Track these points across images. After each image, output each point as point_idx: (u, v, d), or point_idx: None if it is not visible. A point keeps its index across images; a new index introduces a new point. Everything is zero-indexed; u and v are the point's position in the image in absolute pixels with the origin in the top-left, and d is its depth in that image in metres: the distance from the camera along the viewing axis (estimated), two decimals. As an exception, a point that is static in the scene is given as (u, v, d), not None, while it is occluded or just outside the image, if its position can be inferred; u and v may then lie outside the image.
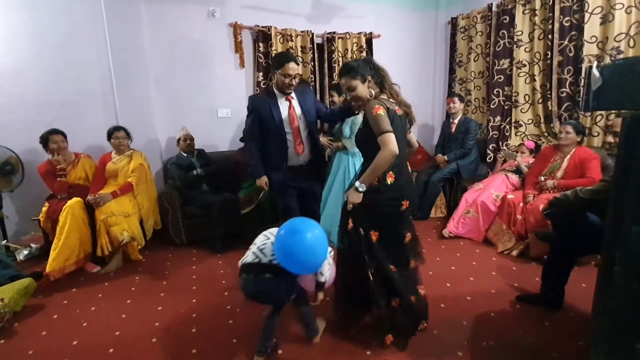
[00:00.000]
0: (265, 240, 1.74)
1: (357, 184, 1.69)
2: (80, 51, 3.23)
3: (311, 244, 1.55)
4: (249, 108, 2.35)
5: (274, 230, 1.73)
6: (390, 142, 1.60)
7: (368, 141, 1.71)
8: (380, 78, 1.77)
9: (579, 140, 2.82)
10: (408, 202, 1.78)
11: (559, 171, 2.84)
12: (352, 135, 2.77)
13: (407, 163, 1.92)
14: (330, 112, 2.61)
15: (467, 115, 4.04)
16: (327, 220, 2.90)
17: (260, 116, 2.28)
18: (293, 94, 2.32)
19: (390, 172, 1.72)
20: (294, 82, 2.26)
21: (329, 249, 1.74)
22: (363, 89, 1.75)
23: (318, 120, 2.56)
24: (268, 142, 2.32)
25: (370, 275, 1.75)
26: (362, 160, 1.91)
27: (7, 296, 2.11)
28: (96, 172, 3.08)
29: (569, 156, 2.83)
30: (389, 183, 1.72)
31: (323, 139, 3.04)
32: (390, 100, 1.75)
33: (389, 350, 1.80)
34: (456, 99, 3.79)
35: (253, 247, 1.74)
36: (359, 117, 2.89)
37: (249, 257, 1.71)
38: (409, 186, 1.84)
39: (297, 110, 2.34)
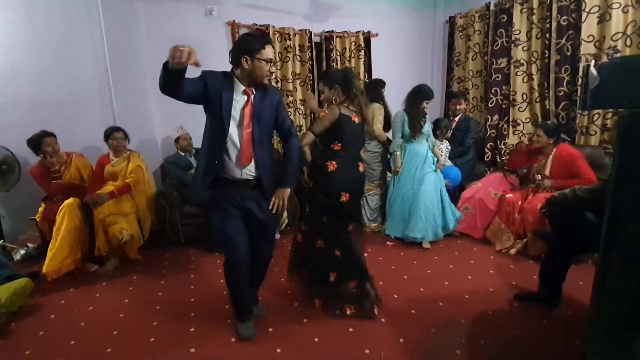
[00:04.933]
0: None
1: None
2: (77, 50, 3.21)
3: None
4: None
5: None
6: (305, 138, 2.10)
7: (325, 134, 2.09)
8: (347, 89, 2.08)
9: (551, 142, 2.85)
10: (349, 195, 2.06)
11: (545, 172, 2.88)
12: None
13: (360, 164, 2.15)
14: (287, 130, 1.89)
15: (466, 114, 4.05)
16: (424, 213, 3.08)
17: (208, 95, 1.67)
18: (253, 89, 1.76)
19: (334, 161, 2.04)
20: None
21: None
22: (328, 94, 2.13)
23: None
24: (209, 137, 1.76)
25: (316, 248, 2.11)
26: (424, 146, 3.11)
27: (4, 296, 2.09)
28: (94, 174, 3.06)
29: (551, 156, 2.86)
30: (329, 170, 2.04)
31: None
32: (351, 108, 2.10)
33: (386, 349, 1.81)
34: (462, 100, 3.81)
35: None
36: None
37: None
38: (353, 181, 2.12)
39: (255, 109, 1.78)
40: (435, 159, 3.20)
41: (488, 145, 3.89)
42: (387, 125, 3.43)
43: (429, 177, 3.12)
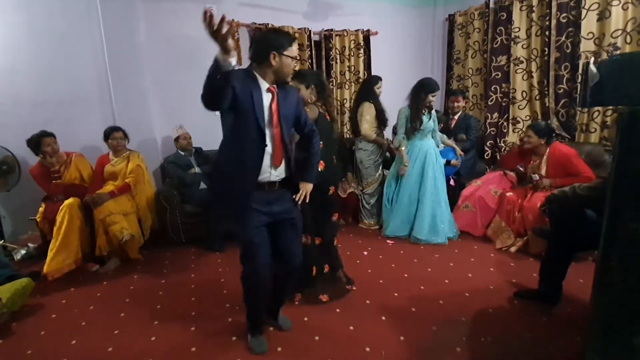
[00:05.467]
0: None
1: None
2: (77, 50, 3.21)
3: None
4: None
5: None
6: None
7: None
8: (321, 90, 2.26)
9: (542, 142, 2.85)
10: (334, 188, 2.32)
11: (541, 172, 2.88)
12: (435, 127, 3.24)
13: (334, 157, 2.36)
14: (310, 128, 1.85)
15: (466, 112, 4.04)
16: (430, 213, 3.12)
17: (237, 99, 1.53)
18: (275, 86, 1.65)
19: (322, 161, 2.14)
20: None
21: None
22: (305, 92, 2.20)
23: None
24: (242, 144, 1.60)
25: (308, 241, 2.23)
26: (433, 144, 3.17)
27: (5, 296, 2.10)
28: (94, 174, 3.07)
29: (545, 157, 2.87)
30: (319, 170, 2.10)
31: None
32: (323, 108, 2.27)
33: (387, 347, 1.81)
34: (460, 98, 3.80)
35: None
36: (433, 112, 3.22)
37: None
38: (336, 175, 2.40)
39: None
40: (442, 158, 3.23)
41: (488, 143, 3.89)
42: (382, 122, 3.38)
43: (434, 180, 3.12)
